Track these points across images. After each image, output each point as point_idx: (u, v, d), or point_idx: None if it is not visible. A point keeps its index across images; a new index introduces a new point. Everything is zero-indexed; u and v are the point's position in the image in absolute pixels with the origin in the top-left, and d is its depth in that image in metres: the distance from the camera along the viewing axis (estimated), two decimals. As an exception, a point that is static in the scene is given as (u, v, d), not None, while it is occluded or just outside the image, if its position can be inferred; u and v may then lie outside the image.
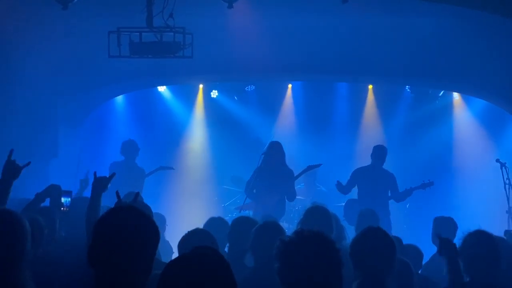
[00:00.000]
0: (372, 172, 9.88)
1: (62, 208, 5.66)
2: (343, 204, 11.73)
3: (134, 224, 2.83)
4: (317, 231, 3.16)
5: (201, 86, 13.80)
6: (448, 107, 13.69)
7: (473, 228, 4.71)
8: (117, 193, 3.99)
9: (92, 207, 4.62)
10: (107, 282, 2.76)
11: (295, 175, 9.57)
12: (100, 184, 4.65)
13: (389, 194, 9.89)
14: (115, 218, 2.87)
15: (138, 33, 7.52)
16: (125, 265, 2.75)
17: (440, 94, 13.60)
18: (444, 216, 6.67)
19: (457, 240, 4.85)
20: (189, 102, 14.03)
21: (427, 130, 13.68)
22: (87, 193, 6.61)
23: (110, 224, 2.85)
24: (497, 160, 10.71)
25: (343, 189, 10.07)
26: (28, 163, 4.77)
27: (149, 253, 2.83)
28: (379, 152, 9.92)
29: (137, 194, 4.22)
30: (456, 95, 13.46)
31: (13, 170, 4.62)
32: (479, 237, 4.62)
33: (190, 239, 4.63)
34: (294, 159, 10.13)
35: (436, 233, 6.53)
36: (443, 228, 6.50)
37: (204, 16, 9.10)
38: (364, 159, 12.46)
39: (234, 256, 5.14)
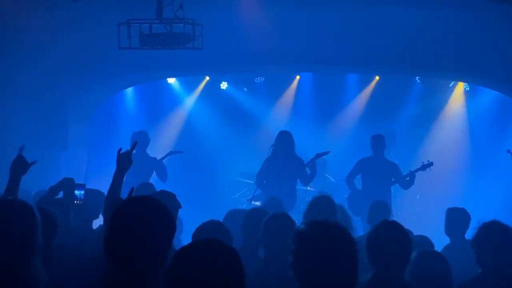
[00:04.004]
0: (375, 162, 9.79)
1: (75, 201, 5.67)
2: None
3: (150, 214, 2.86)
4: (333, 222, 3.12)
5: (207, 77, 13.81)
6: (458, 97, 13.63)
7: (488, 219, 4.68)
8: (131, 190, 3.91)
9: (116, 185, 4.33)
10: (124, 271, 2.80)
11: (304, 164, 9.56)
12: (124, 160, 4.39)
13: (393, 181, 9.78)
14: (131, 208, 2.91)
15: (148, 25, 7.51)
16: (141, 255, 2.79)
17: (451, 85, 13.55)
18: (457, 207, 6.64)
19: (471, 231, 4.83)
20: (199, 93, 14.04)
21: (437, 121, 13.64)
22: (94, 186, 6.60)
23: (126, 214, 2.88)
24: (508, 151, 10.65)
25: (348, 179, 10.02)
26: (35, 161, 4.78)
27: (165, 242, 2.86)
28: (378, 142, 9.81)
29: (132, 189, 3.99)
30: (466, 86, 13.39)
31: (22, 165, 4.64)
32: (494, 228, 4.59)
33: (204, 230, 4.63)
34: (303, 150, 10.09)
35: (449, 224, 6.53)
36: (456, 219, 6.49)
37: (213, 7, 9.08)
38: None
39: (248, 248, 5.14)
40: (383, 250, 4.00)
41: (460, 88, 13.49)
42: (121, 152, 4.47)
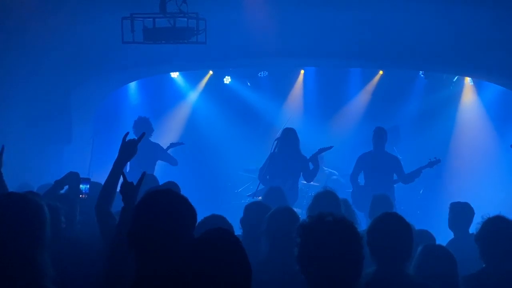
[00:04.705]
0: (376, 157, 9.74)
1: (80, 195, 5.69)
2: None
3: (173, 206, 2.92)
4: (340, 216, 3.12)
5: (210, 72, 13.83)
6: (462, 92, 13.61)
7: (492, 214, 4.68)
8: (142, 175, 3.73)
9: (114, 175, 4.00)
10: (149, 264, 2.84)
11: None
12: (128, 148, 4.05)
13: (395, 178, 9.77)
14: (154, 201, 2.95)
15: (151, 19, 7.49)
16: (166, 247, 2.83)
17: (454, 80, 13.53)
18: (460, 202, 6.63)
19: (475, 225, 4.83)
20: (202, 88, 14.05)
21: (441, 116, 13.62)
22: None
23: (150, 208, 2.92)
24: (512, 146, 10.65)
25: (352, 177, 10.00)
26: (3, 148, 4.70)
27: (188, 233, 2.91)
28: (379, 135, 9.75)
29: (143, 174, 3.78)
30: (470, 80, 13.37)
31: None
32: (499, 223, 4.59)
33: (206, 225, 4.63)
34: (306, 144, 10.08)
35: (453, 219, 6.52)
36: (460, 214, 6.48)
37: (217, 1, 9.07)
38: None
39: (248, 241, 5.14)
40: (384, 243, 3.93)
41: (464, 83, 13.47)
42: (127, 139, 4.15)
